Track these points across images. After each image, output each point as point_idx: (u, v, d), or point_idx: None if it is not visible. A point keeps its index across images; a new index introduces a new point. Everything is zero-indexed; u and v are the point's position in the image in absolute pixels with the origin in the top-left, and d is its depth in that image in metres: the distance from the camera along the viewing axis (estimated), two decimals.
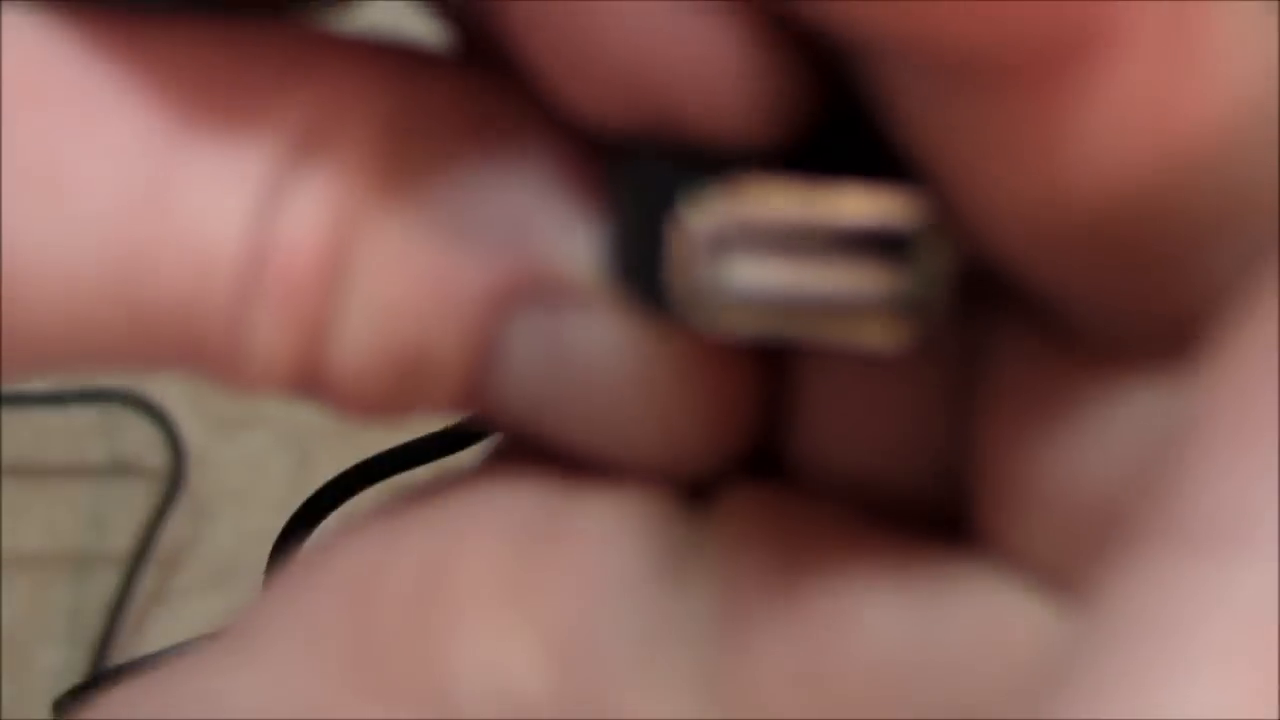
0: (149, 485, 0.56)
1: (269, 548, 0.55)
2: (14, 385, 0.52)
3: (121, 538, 0.55)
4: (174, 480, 0.56)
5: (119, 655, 0.54)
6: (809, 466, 0.18)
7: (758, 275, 0.16)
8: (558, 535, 0.18)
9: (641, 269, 0.16)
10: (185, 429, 0.56)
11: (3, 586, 0.53)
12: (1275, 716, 0.12)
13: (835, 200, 0.16)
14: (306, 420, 0.57)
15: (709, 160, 0.16)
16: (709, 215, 0.16)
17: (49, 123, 0.17)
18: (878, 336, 0.16)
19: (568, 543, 0.18)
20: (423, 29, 0.20)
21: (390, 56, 0.18)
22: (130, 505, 0.56)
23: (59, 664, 0.54)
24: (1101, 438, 0.16)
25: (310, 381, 0.18)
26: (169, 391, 0.56)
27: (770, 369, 0.18)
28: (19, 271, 0.17)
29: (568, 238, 0.17)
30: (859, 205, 0.16)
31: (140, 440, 0.56)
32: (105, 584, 0.55)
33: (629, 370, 0.17)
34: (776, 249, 0.16)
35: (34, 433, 0.54)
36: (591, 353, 0.18)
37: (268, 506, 0.56)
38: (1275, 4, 0.15)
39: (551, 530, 0.18)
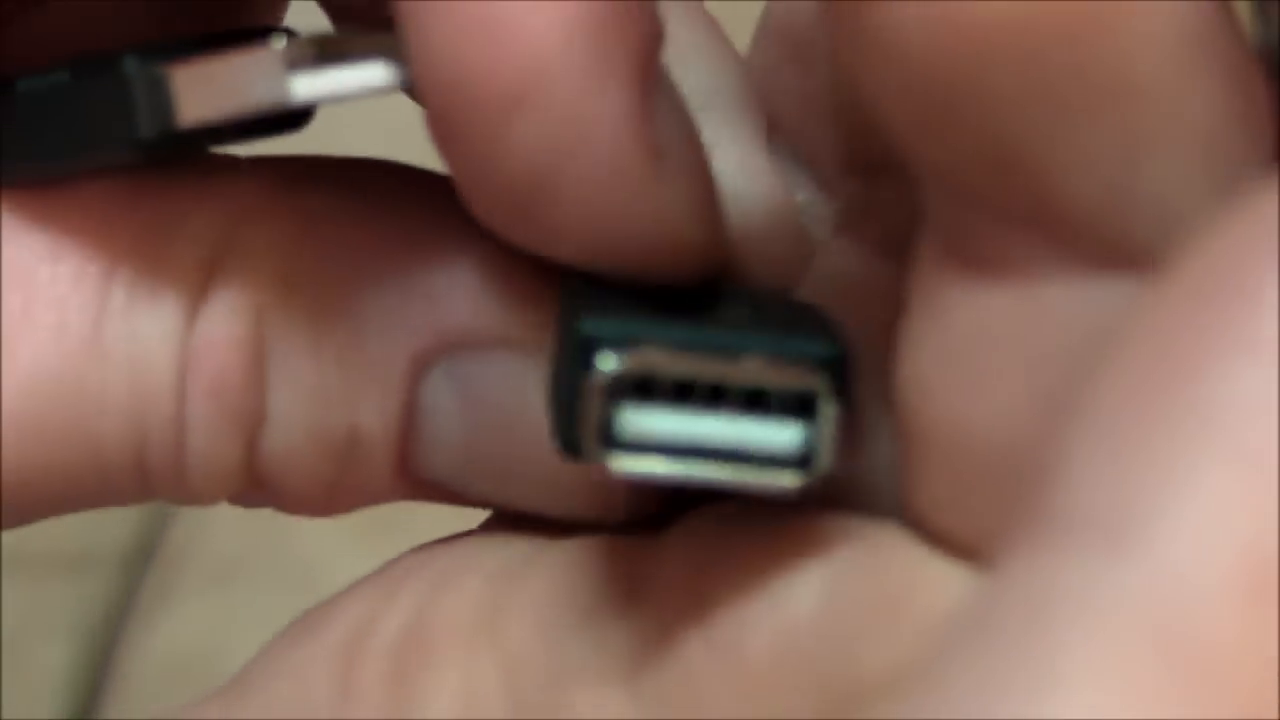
0: None
1: (271, 547, 0.55)
2: None
3: (122, 538, 0.55)
4: None
5: (122, 656, 0.54)
6: None
7: (651, 425, 0.17)
8: (527, 573, 0.19)
9: (557, 397, 0.18)
10: None
11: (3, 586, 0.53)
12: None
13: (734, 364, 0.17)
14: None
15: (623, 298, 0.18)
16: (613, 364, 0.17)
17: None
18: (769, 485, 0.17)
19: (534, 578, 0.19)
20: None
21: (297, 165, 0.20)
22: (130, 505, 0.56)
23: (59, 664, 0.54)
24: (997, 383, 0.16)
25: (254, 477, 0.20)
26: None
27: None
28: None
29: (477, 302, 0.19)
30: (758, 371, 0.17)
31: None
32: (105, 584, 0.55)
33: (537, 412, 0.19)
34: (673, 402, 0.17)
35: None
36: (501, 397, 0.19)
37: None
38: None
39: (523, 570, 0.19)
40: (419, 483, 0.20)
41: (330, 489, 0.20)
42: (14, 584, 0.53)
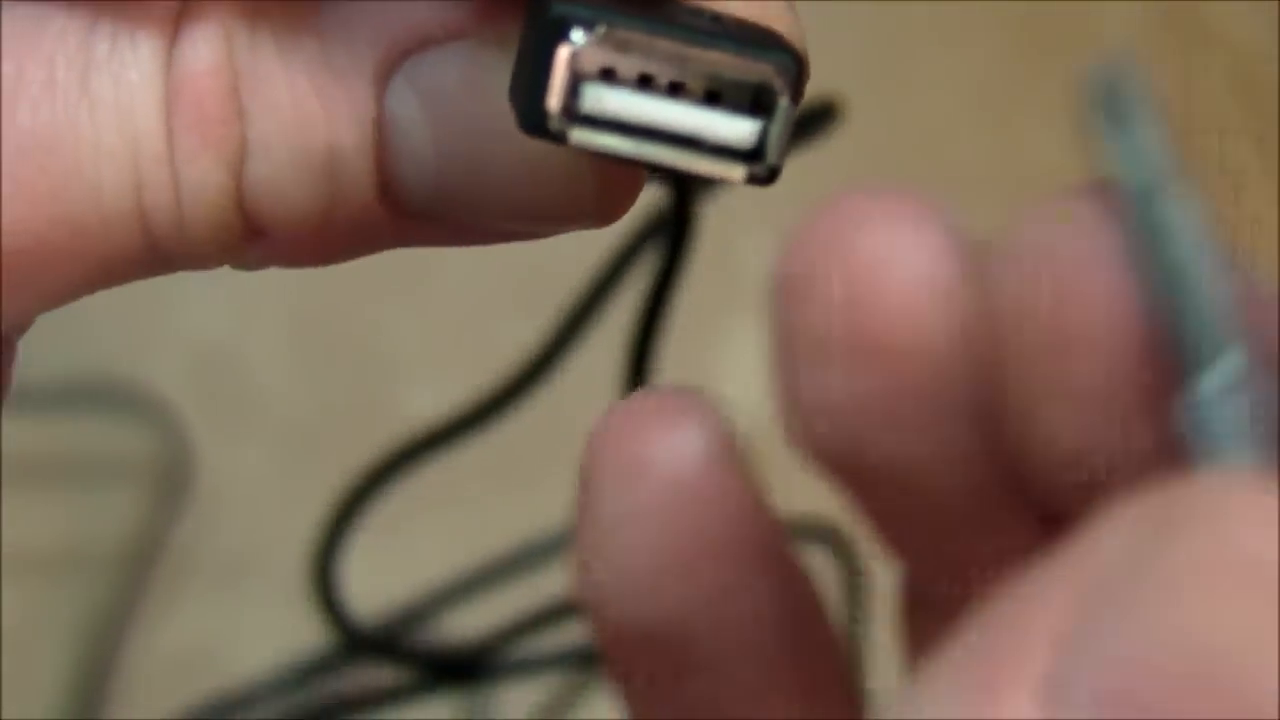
0: (149, 485, 0.56)
1: (270, 548, 0.55)
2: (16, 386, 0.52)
3: (122, 538, 0.55)
4: (175, 480, 0.56)
5: (126, 655, 0.54)
6: None
7: (614, 103, 0.19)
8: None
9: (524, 77, 0.19)
10: (187, 429, 0.56)
11: (3, 586, 0.53)
12: None
13: (700, 51, 0.19)
14: (310, 419, 0.57)
15: None
16: (583, 38, 0.19)
17: None
18: (718, 173, 0.19)
19: None
20: None
21: None
22: (131, 505, 0.56)
23: (59, 664, 0.54)
24: None
25: (247, 217, 0.21)
26: (171, 391, 0.56)
27: None
28: None
29: (426, 4, 0.20)
30: (722, 62, 0.19)
31: (141, 440, 0.56)
32: (106, 584, 0.55)
33: (497, 107, 0.20)
34: (636, 88, 0.19)
35: (35, 433, 0.54)
36: (460, 92, 0.21)
37: (269, 507, 0.56)
38: None
39: None
40: (403, 214, 0.21)
41: (320, 220, 0.21)
42: (14, 584, 0.53)
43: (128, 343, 0.56)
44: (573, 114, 0.19)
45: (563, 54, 0.18)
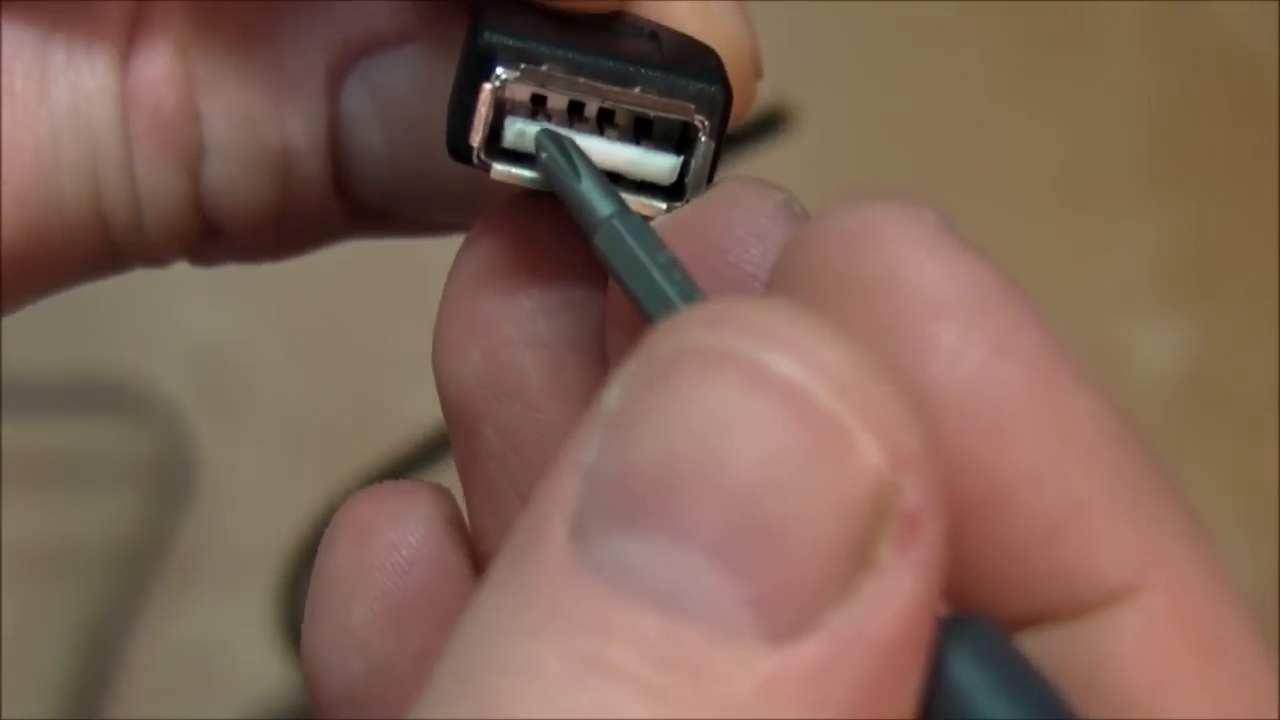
0: (150, 485, 0.56)
1: (271, 548, 0.55)
2: (16, 386, 0.52)
3: (122, 538, 0.55)
4: (176, 480, 0.56)
5: (128, 655, 0.54)
6: None
7: (530, 139, 0.19)
8: None
9: (454, 103, 0.19)
10: (187, 428, 0.56)
11: (3, 586, 0.53)
12: None
13: (624, 90, 0.19)
14: (310, 418, 0.57)
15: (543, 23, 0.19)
16: (507, 75, 0.19)
17: None
18: (639, 206, 0.19)
19: None
20: None
21: None
22: (131, 505, 0.56)
23: (59, 664, 0.54)
24: None
25: (204, 217, 0.21)
26: (172, 390, 0.56)
27: None
28: None
29: (379, 8, 0.21)
30: (645, 100, 0.19)
31: (141, 440, 0.56)
32: (106, 584, 0.55)
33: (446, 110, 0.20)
34: (561, 123, 0.19)
35: (35, 433, 0.54)
36: (412, 95, 0.21)
37: (270, 506, 0.56)
38: None
39: None
40: (356, 208, 0.21)
41: (276, 217, 0.21)
42: (14, 584, 0.53)
43: (128, 343, 0.56)
44: (495, 149, 0.19)
45: (485, 91, 0.18)
